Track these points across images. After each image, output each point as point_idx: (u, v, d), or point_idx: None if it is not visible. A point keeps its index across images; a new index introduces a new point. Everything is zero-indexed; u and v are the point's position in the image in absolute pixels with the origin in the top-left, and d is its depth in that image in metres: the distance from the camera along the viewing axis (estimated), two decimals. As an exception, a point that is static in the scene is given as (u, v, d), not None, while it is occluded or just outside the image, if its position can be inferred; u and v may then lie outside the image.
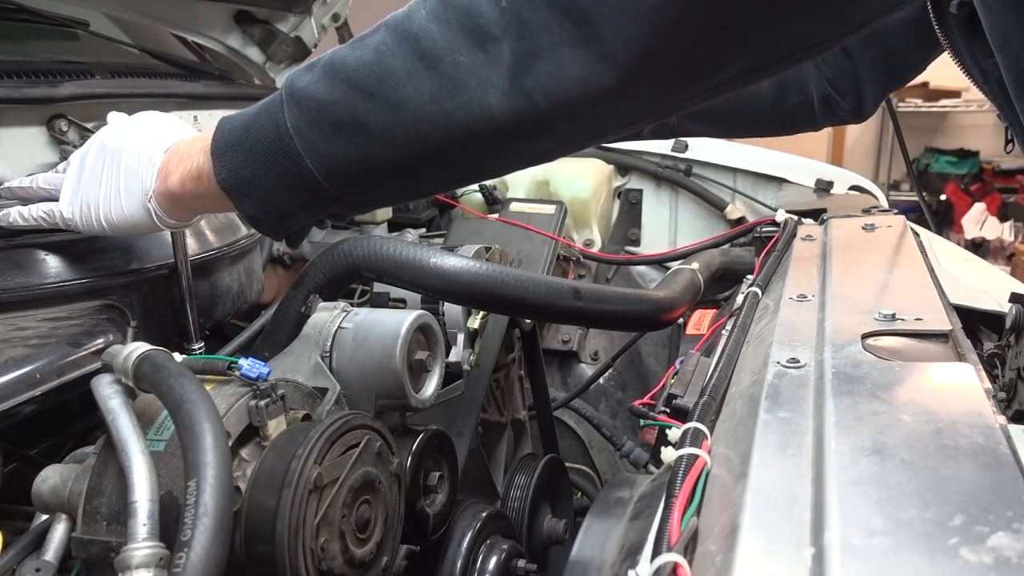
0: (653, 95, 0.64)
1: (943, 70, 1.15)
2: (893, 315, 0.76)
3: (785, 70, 0.63)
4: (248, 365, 0.75)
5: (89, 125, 1.26)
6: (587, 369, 1.85)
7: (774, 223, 1.48)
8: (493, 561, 0.98)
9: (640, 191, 2.05)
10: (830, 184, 1.84)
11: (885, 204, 1.63)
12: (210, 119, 1.58)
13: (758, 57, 0.61)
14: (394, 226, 1.87)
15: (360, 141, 0.68)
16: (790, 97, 1.35)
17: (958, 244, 4.16)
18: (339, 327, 0.93)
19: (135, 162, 0.80)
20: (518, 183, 1.91)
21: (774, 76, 0.64)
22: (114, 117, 0.89)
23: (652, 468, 1.20)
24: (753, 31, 0.59)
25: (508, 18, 0.61)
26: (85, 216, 0.82)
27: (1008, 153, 1.06)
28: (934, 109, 5.67)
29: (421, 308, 1.06)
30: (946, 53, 1.02)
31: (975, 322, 0.99)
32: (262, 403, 0.74)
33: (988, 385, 0.61)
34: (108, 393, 0.73)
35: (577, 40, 0.59)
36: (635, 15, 0.57)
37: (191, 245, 1.01)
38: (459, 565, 0.96)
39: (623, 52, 0.59)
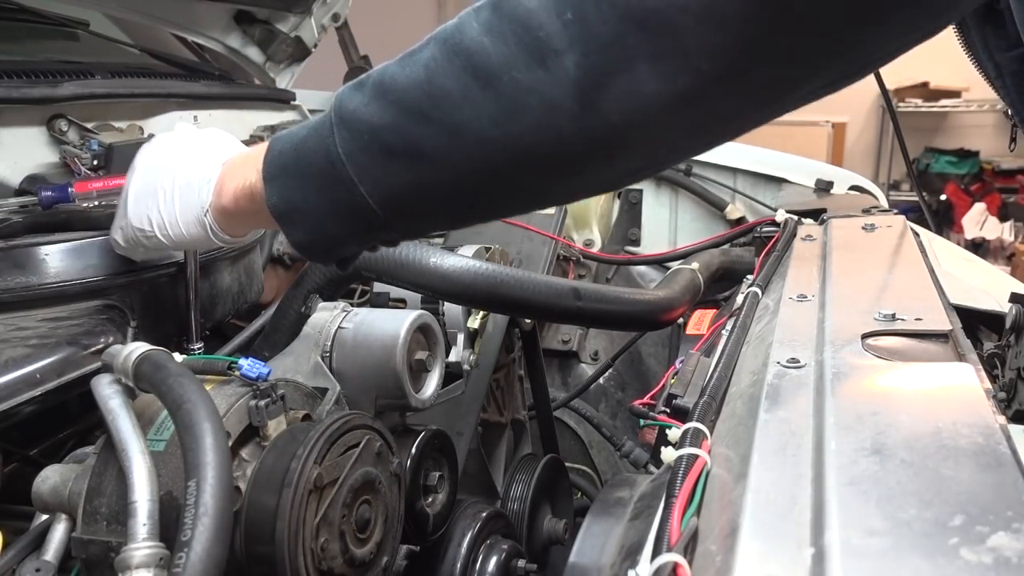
0: (739, 109, 0.60)
1: (943, 70, 1.15)
2: (893, 315, 0.76)
3: (866, 76, 0.60)
4: (248, 365, 0.75)
5: (89, 125, 1.26)
6: (587, 369, 1.85)
7: (774, 223, 1.48)
8: (493, 561, 0.98)
9: (640, 191, 2.05)
10: (830, 184, 1.84)
11: (885, 204, 1.63)
12: (210, 119, 1.58)
13: (849, 63, 0.57)
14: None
15: (416, 167, 0.64)
16: None
17: (958, 244, 4.16)
18: (339, 327, 0.93)
19: (192, 177, 0.78)
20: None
21: (859, 80, 0.60)
22: (158, 138, 0.87)
23: (652, 468, 1.20)
24: (847, 36, 0.55)
25: (572, 31, 0.55)
26: (141, 234, 0.81)
27: (1012, 151, 1.05)
28: (934, 109, 5.67)
29: (421, 308, 1.06)
30: (960, 48, 1.00)
31: (975, 322, 0.99)
32: (262, 403, 0.74)
33: (988, 385, 0.61)
34: (108, 393, 0.73)
35: (655, 53, 0.54)
36: (722, 23, 0.52)
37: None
38: (459, 565, 0.96)
39: (708, 63, 0.54)
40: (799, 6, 0.52)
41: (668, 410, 0.83)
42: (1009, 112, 1.04)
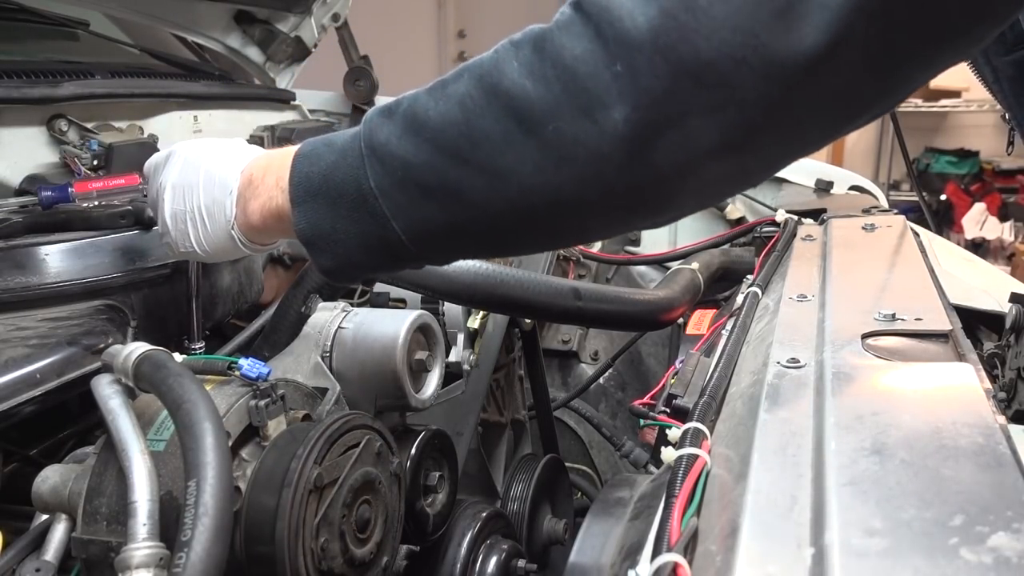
0: (785, 152, 0.60)
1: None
2: (893, 315, 0.76)
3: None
4: (248, 365, 0.75)
5: (89, 125, 1.26)
6: (587, 369, 1.84)
7: (774, 223, 1.48)
8: (493, 561, 0.98)
9: (640, 191, 2.04)
10: (830, 184, 1.84)
11: (885, 204, 1.63)
12: (210, 119, 1.58)
13: (891, 101, 0.58)
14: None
15: (452, 208, 0.62)
16: None
17: (958, 244, 4.16)
18: (339, 327, 0.93)
19: (215, 193, 0.77)
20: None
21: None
22: (178, 152, 0.85)
23: (652, 468, 1.20)
24: (900, 76, 0.55)
25: (623, 84, 0.53)
26: (187, 251, 0.81)
27: (1010, 154, 1.05)
28: (934, 109, 5.66)
29: (421, 308, 1.06)
30: None
31: (975, 322, 0.99)
32: (262, 403, 0.74)
33: (988, 385, 0.61)
34: (108, 393, 0.73)
35: (709, 106, 0.53)
36: (782, 77, 0.51)
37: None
38: (459, 565, 0.96)
39: (763, 115, 0.53)
40: (860, 52, 0.51)
41: (668, 410, 0.83)
42: (1006, 116, 1.04)
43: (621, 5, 0.54)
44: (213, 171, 0.78)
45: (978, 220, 5.58)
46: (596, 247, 1.93)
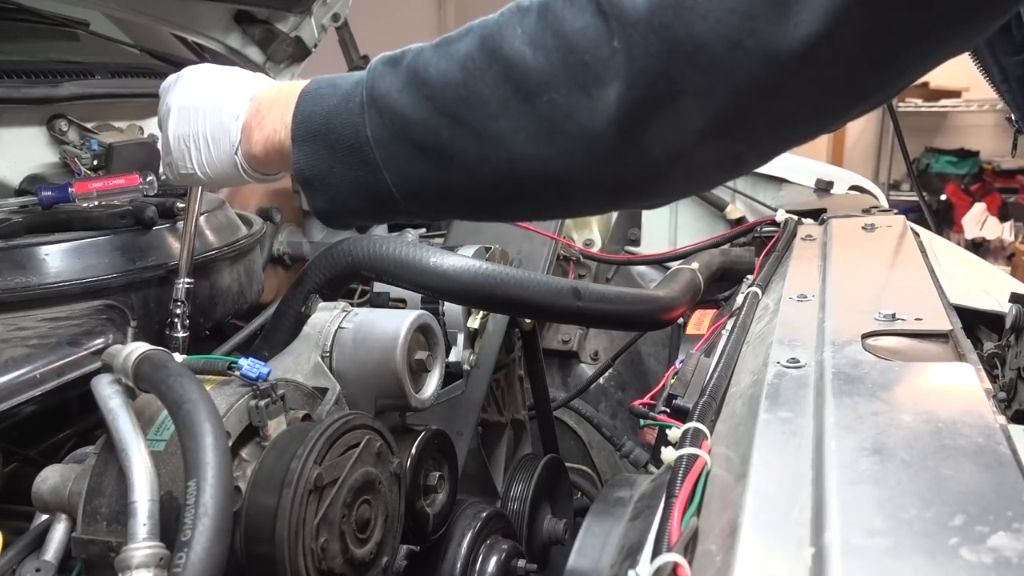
0: (780, 140, 0.59)
1: (943, 70, 1.15)
2: (893, 315, 0.76)
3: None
4: (248, 365, 0.75)
5: (89, 125, 1.26)
6: (587, 369, 1.84)
7: (774, 223, 1.48)
8: (493, 561, 0.98)
9: (640, 191, 2.04)
10: (830, 184, 1.84)
11: (885, 204, 1.63)
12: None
13: (888, 89, 0.58)
14: (394, 226, 1.87)
15: (444, 167, 0.63)
16: None
17: (958, 244, 4.15)
18: (339, 327, 0.93)
19: (223, 116, 0.77)
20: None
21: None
22: (188, 73, 0.86)
23: (652, 468, 1.20)
24: (894, 65, 0.54)
25: (619, 61, 0.53)
26: (186, 173, 0.81)
27: (1014, 157, 1.05)
28: (934, 109, 5.66)
29: (421, 308, 1.06)
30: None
31: (975, 322, 0.99)
32: (262, 403, 0.74)
33: (988, 385, 0.61)
34: (108, 393, 0.73)
35: (702, 88, 0.52)
36: (777, 62, 0.51)
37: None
38: (459, 565, 0.96)
39: (756, 99, 0.53)
40: (856, 41, 0.51)
41: (668, 410, 0.83)
42: (1013, 117, 1.04)
43: None
44: (222, 96, 0.78)
45: (978, 220, 5.59)
46: (596, 247, 1.94)
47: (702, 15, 0.51)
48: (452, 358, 1.12)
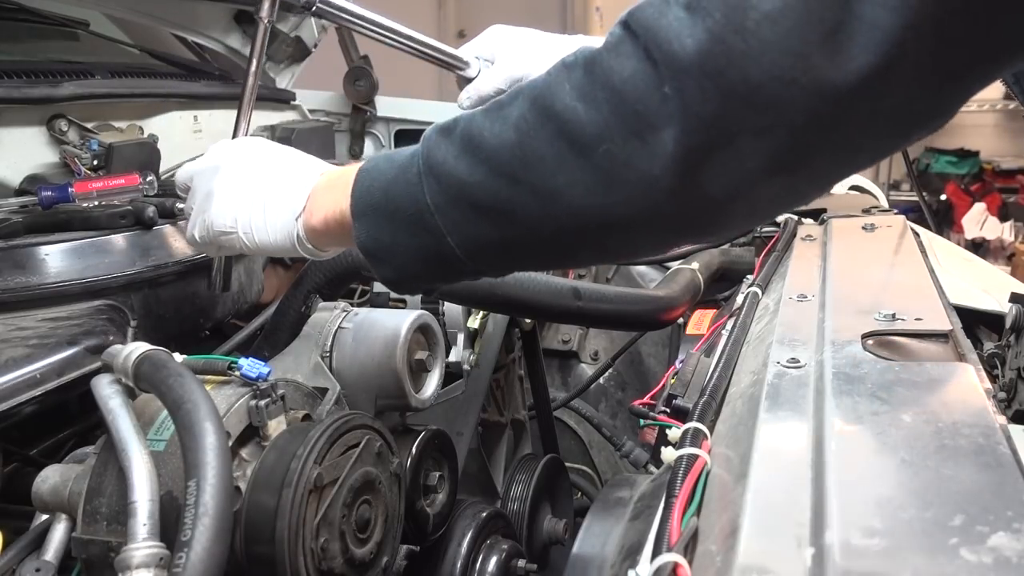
0: (836, 172, 0.60)
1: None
2: (893, 315, 0.76)
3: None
4: (248, 365, 0.75)
5: (89, 125, 1.26)
6: (587, 369, 1.84)
7: (774, 223, 1.48)
8: (493, 561, 0.98)
9: (640, 191, 2.04)
10: (830, 184, 1.84)
11: (885, 204, 1.62)
12: (210, 119, 1.58)
13: (943, 118, 0.57)
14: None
15: (505, 227, 0.64)
16: None
17: (958, 244, 4.15)
18: (339, 327, 0.93)
19: (289, 185, 0.78)
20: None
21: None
22: (245, 140, 0.86)
23: (652, 468, 1.20)
24: (950, 93, 0.55)
25: (672, 107, 0.54)
26: (220, 233, 0.80)
27: None
28: (934, 109, 5.65)
29: (421, 308, 1.06)
30: None
31: (975, 322, 0.99)
32: (262, 403, 0.74)
33: (988, 385, 0.61)
34: (108, 393, 0.73)
35: (759, 128, 0.53)
36: (833, 97, 0.51)
37: (191, 246, 1.01)
38: (459, 565, 0.96)
39: (815, 136, 0.53)
40: (913, 71, 0.51)
41: (668, 410, 0.83)
42: None
43: (669, 26, 0.53)
44: (291, 166, 0.80)
45: (978, 220, 5.58)
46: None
47: (755, 58, 0.51)
48: (452, 358, 1.12)
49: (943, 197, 5.68)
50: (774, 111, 0.52)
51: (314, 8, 1.07)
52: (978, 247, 5.47)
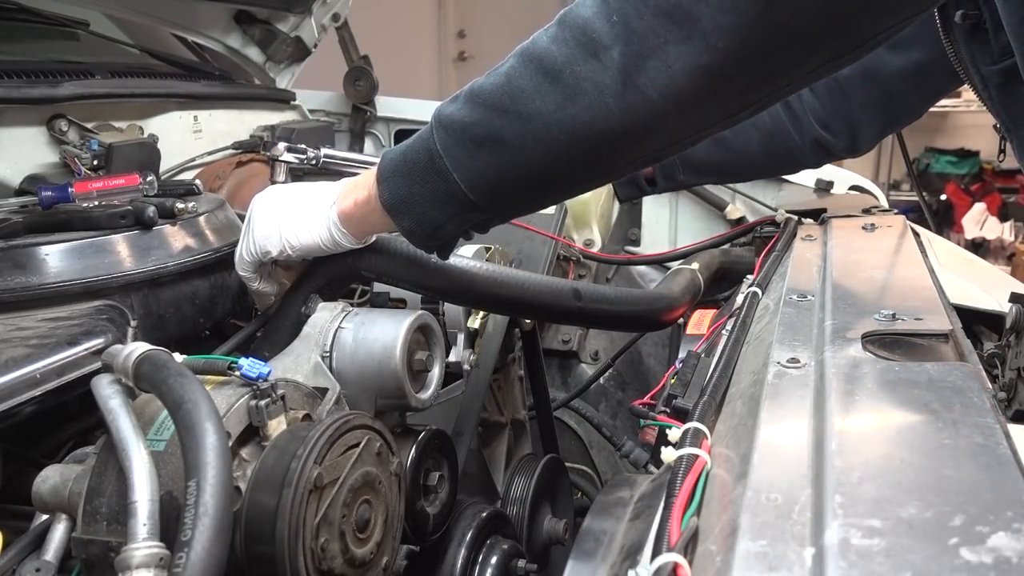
0: (752, 83, 0.71)
1: (942, 70, 1.16)
2: (893, 315, 0.76)
3: (863, 56, 0.70)
4: (248, 365, 0.75)
5: (89, 125, 1.26)
6: (587, 369, 1.85)
7: (774, 223, 1.48)
8: (493, 561, 0.98)
9: (640, 191, 2.04)
10: (830, 184, 1.84)
11: (885, 204, 1.63)
12: (210, 119, 1.58)
13: (845, 41, 0.67)
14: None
15: (498, 152, 0.77)
16: (781, 144, 1.37)
17: (958, 244, 4.15)
18: (339, 327, 0.93)
19: (318, 196, 0.93)
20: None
21: (854, 63, 0.71)
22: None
23: (652, 468, 1.20)
24: (839, 14, 0.64)
25: (617, 29, 0.70)
26: (262, 250, 0.94)
27: (1001, 162, 1.09)
28: (934, 109, 5.62)
29: (421, 308, 1.06)
30: (951, 60, 1.05)
31: (975, 322, 0.99)
32: (262, 403, 0.74)
33: (988, 385, 0.61)
34: (108, 393, 0.73)
35: (680, 37, 0.67)
36: (732, 6, 0.64)
37: (191, 246, 1.01)
38: (459, 565, 0.96)
39: (724, 41, 0.66)
40: None
41: (668, 410, 0.83)
42: (997, 125, 1.06)
43: None
44: (316, 186, 0.95)
45: (978, 220, 5.58)
46: (596, 247, 1.94)
47: None
48: (452, 358, 1.12)
49: (943, 197, 5.68)
50: (690, 23, 0.66)
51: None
52: (978, 247, 5.47)
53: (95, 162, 1.19)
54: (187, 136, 1.53)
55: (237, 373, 0.75)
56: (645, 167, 0.90)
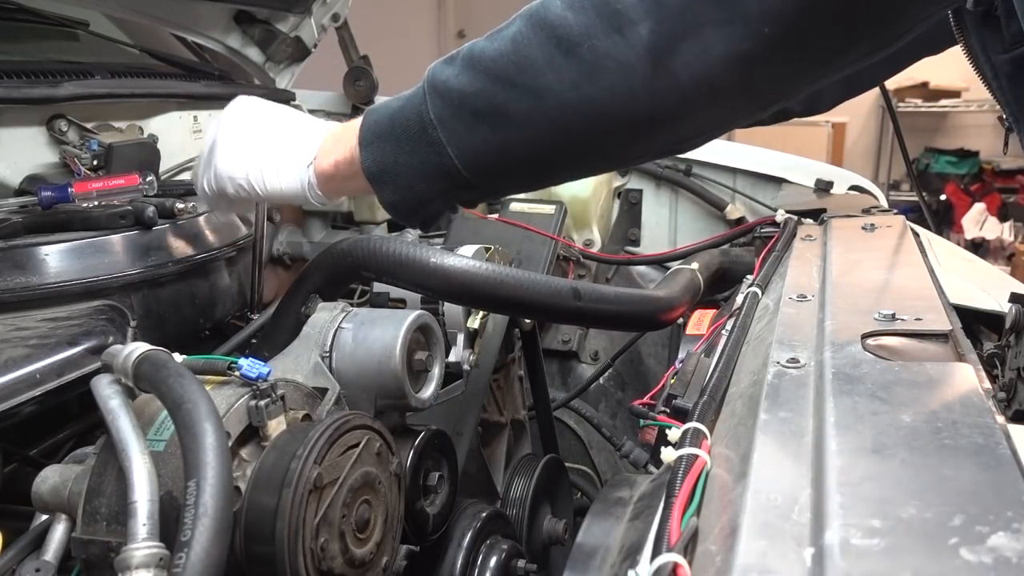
0: (790, 73, 0.65)
1: (943, 70, 1.16)
2: (893, 315, 0.76)
3: (901, 44, 0.65)
4: (248, 365, 0.75)
5: (89, 125, 1.26)
6: (587, 369, 1.84)
7: (774, 223, 1.48)
8: (493, 561, 0.98)
9: (640, 191, 2.05)
10: (830, 184, 1.84)
11: (885, 204, 1.63)
12: (210, 119, 1.58)
13: (890, 32, 0.63)
14: (394, 226, 1.86)
15: (501, 129, 0.70)
16: None
17: (958, 244, 4.15)
18: (339, 327, 0.93)
19: (299, 135, 0.83)
20: (518, 183, 1.91)
21: (891, 50, 0.66)
22: (250, 98, 0.90)
23: (652, 468, 1.20)
24: (891, 3, 0.60)
25: (647, 3, 0.62)
26: (231, 183, 0.84)
27: (1005, 155, 1.08)
28: (934, 109, 5.66)
29: (421, 308, 1.06)
30: (960, 50, 1.03)
31: (975, 322, 0.99)
32: (262, 403, 0.74)
33: (988, 385, 0.61)
34: (108, 393, 0.73)
35: (721, 20, 0.60)
36: None
37: (191, 246, 1.01)
38: (459, 565, 0.96)
39: (769, 27, 0.59)
40: None
41: (668, 410, 0.83)
42: (1004, 116, 1.05)
43: None
44: (300, 120, 0.84)
45: (978, 220, 5.59)
46: (596, 247, 1.94)
47: None
48: (452, 358, 1.11)
49: (943, 197, 5.69)
50: (733, 5, 0.59)
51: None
52: (978, 247, 5.47)
53: (95, 162, 1.19)
54: (187, 136, 1.53)
55: (237, 373, 0.75)
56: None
